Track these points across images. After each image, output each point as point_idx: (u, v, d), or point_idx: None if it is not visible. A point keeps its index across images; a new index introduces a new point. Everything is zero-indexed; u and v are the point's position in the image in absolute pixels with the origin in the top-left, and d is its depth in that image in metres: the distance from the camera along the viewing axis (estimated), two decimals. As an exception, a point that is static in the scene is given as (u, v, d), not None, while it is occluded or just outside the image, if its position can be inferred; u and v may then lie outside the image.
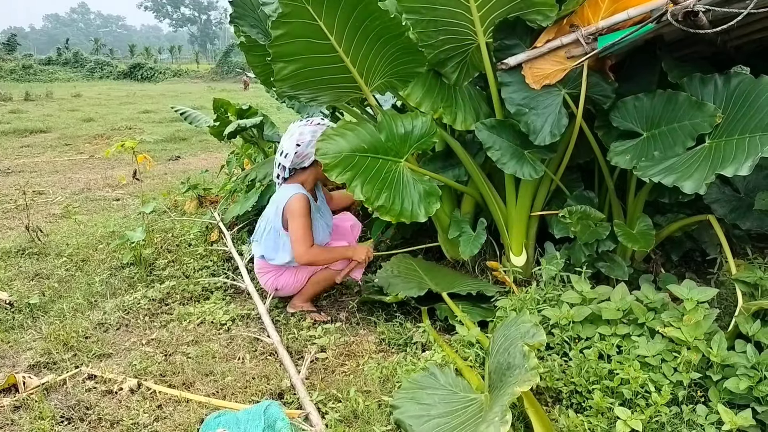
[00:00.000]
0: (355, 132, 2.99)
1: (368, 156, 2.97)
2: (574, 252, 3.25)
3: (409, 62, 3.15)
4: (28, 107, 16.97)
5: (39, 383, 2.65)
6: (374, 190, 2.91)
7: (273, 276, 3.40)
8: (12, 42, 40.81)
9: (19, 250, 4.51)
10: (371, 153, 2.98)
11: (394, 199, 2.98)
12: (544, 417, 2.09)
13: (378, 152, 3.01)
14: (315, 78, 3.08)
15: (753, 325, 2.29)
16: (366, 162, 2.95)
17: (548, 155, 3.25)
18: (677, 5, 2.38)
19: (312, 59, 2.94)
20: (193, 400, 2.51)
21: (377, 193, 2.92)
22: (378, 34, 2.91)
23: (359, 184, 2.88)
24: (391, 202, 2.96)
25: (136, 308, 3.47)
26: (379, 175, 2.97)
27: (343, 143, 2.91)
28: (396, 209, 2.96)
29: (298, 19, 2.71)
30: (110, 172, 8.14)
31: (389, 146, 3.06)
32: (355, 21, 2.82)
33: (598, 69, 3.10)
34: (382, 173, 2.99)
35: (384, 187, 2.96)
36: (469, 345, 2.73)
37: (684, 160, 2.67)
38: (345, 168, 2.87)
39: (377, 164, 2.99)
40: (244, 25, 3.98)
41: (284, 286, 3.42)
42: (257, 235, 3.41)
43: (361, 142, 2.96)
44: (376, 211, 2.92)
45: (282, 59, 2.90)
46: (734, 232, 3.51)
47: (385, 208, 2.93)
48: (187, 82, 34.77)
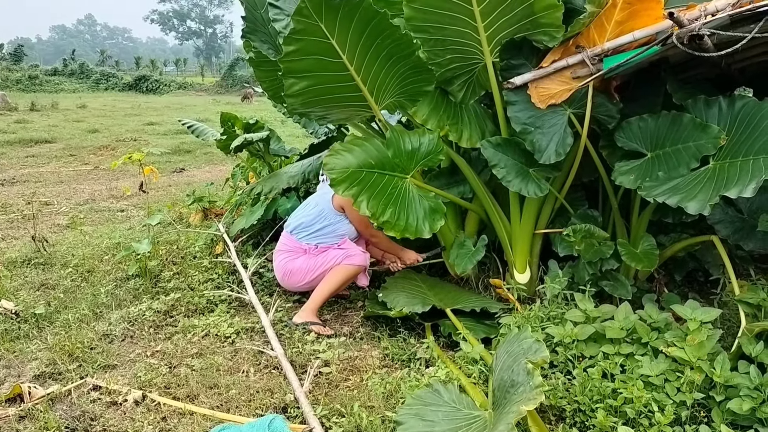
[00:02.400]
0: (362, 147, 3.02)
1: (375, 172, 3.00)
2: (578, 270, 3.26)
3: (419, 81, 3.18)
4: (34, 117, 17.05)
5: (44, 393, 2.66)
6: (380, 206, 2.93)
7: (289, 257, 3.58)
8: (19, 52, 41.03)
9: (25, 260, 4.53)
10: (378, 169, 3.01)
11: (399, 214, 3.00)
12: (548, 435, 2.09)
13: (385, 168, 3.04)
14: (326, 96, 3.13)
15: (756, 347, 2.29)
16: (373, 177, 2.98)
17: (553, 174, 3.27)
18: (682, 28, 2.41)
19: (323, 77, 2.98)
20: (197, 412, 2.52)
21: (383, 209, 2.94)
22: (389, 52, 2.95)
23: (365, 199, 2.90)
24: (396, 218, 2.98)
25: (141, 320, 3.49)
26: (385, 191, 2.99)
27: (351, 159, 2.94)
28: (401, 225, 2.98)
29: (311, 37, 2.75)
30: (115, 183, 8.18)
31: (396, 162, 3.09)
32: (367, 39, 2.86)
33: (604, 89, 3.13)
34: (388, 189, 3.02)
35: (390, 202, 2.98)
36: (473, 361, 2.74)
37: (688, 181, 2.69)
38: (352, 183, 2.90)
39: (384, 180, 3.02)
40: (255, 40, 4.03)
41: (294, 272, 3.55)
42: (296, 212, 3.73)
43: (369, 157, 2.99)
44: (381, 226, 2.94)
45: (293, 75, 2.94)
46: (737, 252, 3.52)
47: (390, 224, 2.96)
48: (192, 94, 34.93)
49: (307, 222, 3.62)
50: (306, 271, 3.54)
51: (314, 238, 3.59)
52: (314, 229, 3.59)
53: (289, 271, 3.59)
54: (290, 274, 3.59)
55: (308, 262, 3.55)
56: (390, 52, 2.94)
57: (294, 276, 3.58)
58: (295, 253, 3.61)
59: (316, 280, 3.54)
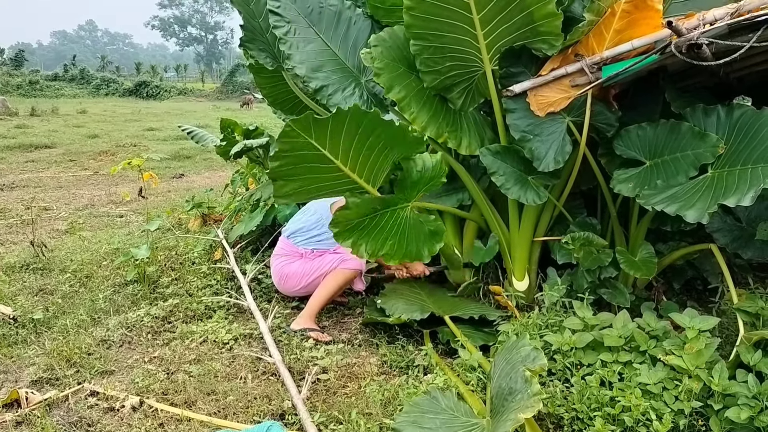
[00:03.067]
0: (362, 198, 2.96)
1: (378, 212, 2.97)
2: (577, 278, 3.26)
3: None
4: (34, 122, 17.07)
5: (41, 399, 2.66)
6: (378, 244, 2.93)
7: (285, 261, 3.61)
8: (19, 58, 41.10)
9: (23, 265, 4.53)
10: (381, 208, 2.99)
11: (399, 244, 2.98)
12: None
13: (389, 206, 3.02)
14: (317, 192, 3.09)
15: (754, 355, 2.29)
16: (374, 220, 2.95)
17: (552, 181, 3.28)
18: (681, 37, 2.42)
19: (315, 178, 2.93)
20: (194, 419, 2.52)
21: (381, 244, 2.92)
22: (384, 144, 2.90)
23: (363, 243, 2.89)
24: (396, 249, 2.96)
25: (139, 326, 3.48)
26: (385, 228, 2.98)
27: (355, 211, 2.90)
28: (401, 253, 2.97)
29: (300, 151, 2.70)
30: (114, 188, 8.18)
31: (400, 197, 3.07)
32: (359, 139, 2.80)
33: (602, 98, 3.14)
34: (388, 225, 2.99)
35: (389, 237, 2.96)
36: (471, 369, 2.73)
37: (687, 190, 2.70)
38: (351, 233, 2.88)
39: (386, 216, 3.00)
40: (254, 48, 4.05)
41: (290, 276, 3.57)
42: (294, 217, 3.76)
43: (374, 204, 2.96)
44: (381, 258, 2.94)
45: (281, 179, 2.87)
46: (736, 261, 3.53)
47: (390, 255, 2.94)
48: (192, 100, 34.98)
49: (305, 228, 3.65)
50: (302, 275, 3.56)
51: (311, 244, 3.62)
52: (311, 235, 3.62)
53: (286, 275, 3.62)
54: (286, 278, 3.62)
55: (304, 266, 3.57)
56: (384, 143, 2.89)
57: (290, 280, 3.60)
58: (292, 258, 3.64)
59: (312, 284, 3.55)
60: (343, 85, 3.59)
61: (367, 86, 3.65)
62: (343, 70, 3.66)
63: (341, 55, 3.73)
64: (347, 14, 3.82)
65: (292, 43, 3.60)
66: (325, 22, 3.76)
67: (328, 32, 3.74)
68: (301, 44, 3.62)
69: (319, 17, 3.75)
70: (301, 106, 4.45)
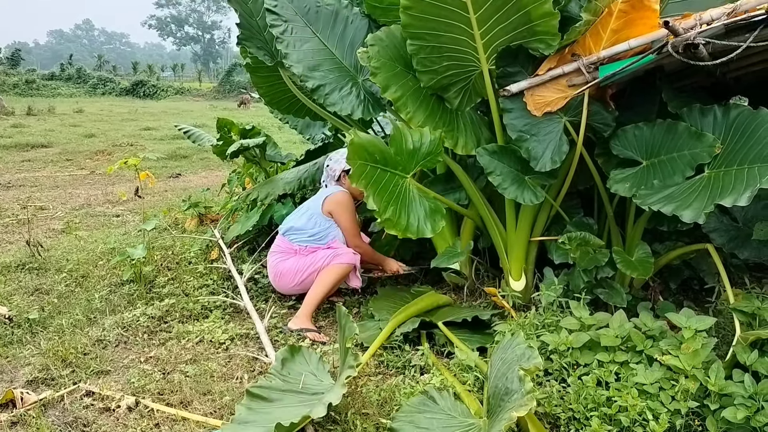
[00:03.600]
0: (369, 140, 3.07)
1: (378, 167, 3.02)
2: (573, 278, 3.26)
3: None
4: (30, 122, 17.04)
5: (37, 399, 2.65)
6: (383, 202, 2.96)
7: (280, 258, 3.66)
8: (16, 57, 41.03)
9: (19, 264, 4.52)
10: (381, 164, 3.04)
11: (401, 213, 3.02)
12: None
13: (387, 165, 3.07)
14: None
15: (751, 355, 2.29)
16: (377, 172, 3.01)
17: (548, 181, 3.27)
18: (678, 37, 2.42)
19: None
20: (190, 419, 2.51)
21: (385, 206, 2.96)
22: None
23: (371, 193, 2.93)
24: (398, 216, 2.99)
25: (135, 325, 3.47)
26: (387, 188, 3.03)
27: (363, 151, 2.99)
28: (402, 224, 3.00)
29: None
30: (110, 188, 8.17)
31: (398, 160, 3.11)
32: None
33: (599, 98, 3.14)
34: (390, 186, 3.05)
35: (392, 200, 3.01)
36: (468, 369, 2.73)
37: (683, 189, 2.70)
38: (361, 176, 2.94)
39: (386, 176, 3.06)
40: (251, 46, 4.04)
41: (284, 273, 3.61)
42: (290, 215, 3.82)
43: (374, 151, 3.04)
44: (383, 224, 2.95)
45: None
46: (732, 261, 3.53)
47: (392, 222, 2.96)
48: (189, 100, 34.94)
49: (298, 225, 3.70)
50: (295, 272, 3.59)
51: (305, 241, 3.65)
52: (305, 232, 3.67)
53: (280, 272, 3.65)
54: (281, 275, 3.65)
55: (298, 263, 3.61)
56: None
57: (284, 277, 3.63)
58: (287, 255, 3.67)
59: (306, 281, 3.58)
60: (340, 84, 3.58)
61: (364, 85, 3.64)
62: (340, 69, 3.65)
63: (338, 54, 3.72)
64: (344, 13, 3.81)
65: (288, 42, 3.59)
66: (322, 21, 3.75)
67: (325, 31, 3.74)
68: (298, 43, 3.61)
69: (316, 16, 3.74)
70: (299, 104, 4.44)
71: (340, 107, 3.51)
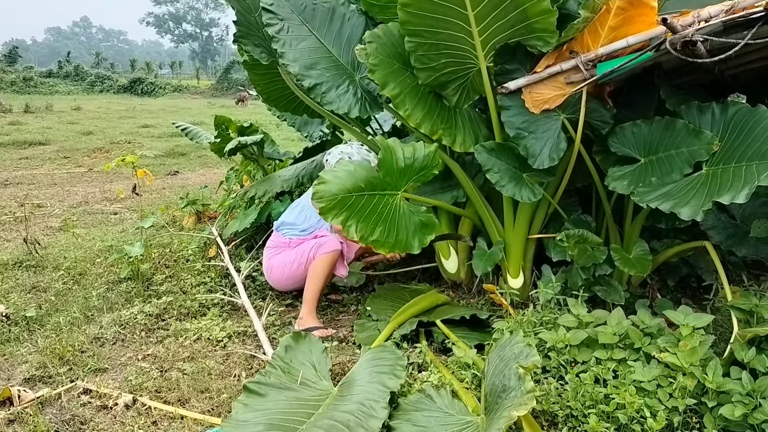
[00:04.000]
0: (350, 172, 2.93)
1: (365, 194, 2.92)
2: (571, 275, 3.26)
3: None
4: (28, 119, 17.00)
5: (34, 397, 2.64)
6: (368, 227, 2.87)
7: (273, 253, 3.68)
8: (13, 54, 40.92)
9: (16, 262, 4.51)
10: (368, 191, 2.94)
11: (389, 232, 2.93)
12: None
13: (375, 189, 2.97)
14: None
15: (748, 352, 2.30)
16: (362, 200, 2.90)
17: (546, 179, 3.27)
18: (676, 34, 2.42)
19: None
20: (188, 417, 2.51)
21: (372, 229, 2.87)
22: None
23: (353, 224, 2.82)
24: (386, 236, 2.91)
25: (133, 323, 3.47)
26: (375, 212, 2.93)
27: (339, 184, 2.85)
28: (390, 242, 2.92)
29: None
30: (108, 185, 8.15)
31: (387, 181, 3.02)
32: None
33: (597, 95, 3.14)
34: (378, 209, 2.95)
35: (379, 222, 2.92)
36: (466, 366, 2.73)
37: (681, 187, 2.70)
38: (341, 210, 2.81)
39: (373, 201, 2.95)
40: (248, 44, 4.02)
41: (275, 267, 3.64)
42: (286, 211, 3.80)
43: (358, 181, 2.91)
44: (371, 245, 2.90)
45: None
46: (730, 258, 3.53)
47: (380, 242, 2.89)
48: (187, 97, 34.90)
49: (290, 220, 3.73)
50: (283, 265, 3.61)
51: (295, 235, 3.69)
52: (297, 227, 3.70)
53: (271, 266, 3.69)
54: (272, 269, 3.69)
55: (285, 256, 3.63)
56: None
57: (275, 271, 3.66)
58: (279, 249, 3.70)
59: (295, 274, 3.58)
60: (337, 82, 3.57)
61: (361, 83, 3.64)
62: (337, 68, 3.64)
63: (335, 52, 3.71)
64: (341, 11, 3.80)
65: (285, 41, 3.58)
66: (319, 19, 3.74)
67: (321, 29, 3.73)
68: (295, 42, 3.60)
69: (312, 14, 3.73)
70: (297, 102, 4.43)
71: (337, 106, 3.50)
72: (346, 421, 2.16)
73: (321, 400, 2.38)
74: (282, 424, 2.17)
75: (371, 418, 2.18)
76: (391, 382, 2.41)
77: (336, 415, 2.22)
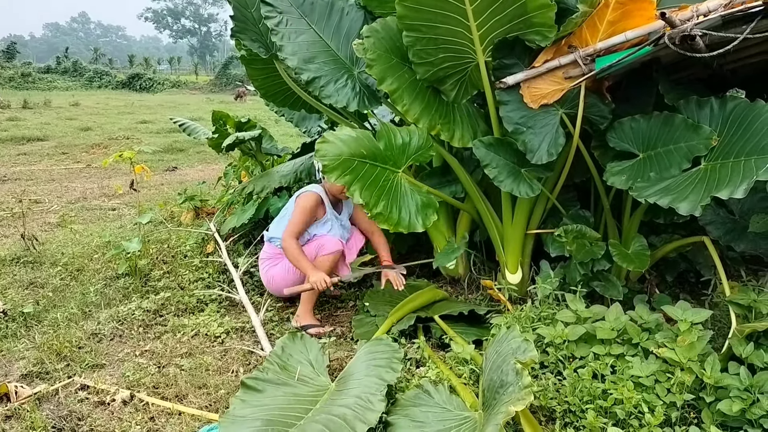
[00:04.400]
0: (354, 137, 3.01)
1: (367, 162, 2.99)
2: (570, 271, 3.26)
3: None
4: (26, 115, 16.97)
5: (31, 393, 2.64)
6: (373, 197, 2.92)
7: (270, 264, 3.62)
8: (11, 50, 40.85)
9: (14, 258, 4.50)
10: (370, 159, 3.00)
11: (392, 207, 2.99)
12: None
13: (377, 160, 3.03)
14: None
15: (746, 348, 2.29)
16: (365, 168, 2.97)
17: (545, 174, 3.27)
18: (674, 29, 2.41)
19: None
20: (185, 412, 2.51)
21: (376, 200, 2.93)
22: None
23: (358, 188, 2.89)
24: (389, 211, 2.97)
25: (131, 319, 3.46)
26: (378, 182, 2.99)
27: (343, 147, 2.93)
28: (394, 218, 2.97)
29: None
30: (106, 181, 8.14)
31: (387, 155, 3.08)
32: None
33: (596, 90, 3.13)
34: (381, 181, 3.01)
35: (382, 194, 2.97)
36: (464, 362, 2.72)
37: (680, 182, 2.69)
38: (344, 171, 2.89)
39: (376, 171, 3.02)
40: (245, 39, 4.01)
41: (275, 277, 3.57)
42: (273, 223, 3.72)
43: (361, 147, 2.98)
44: (374, 218, 2.93)
45: None
46: (728, 253, 3.53)
47: (383, 216, 2.94)
48: (186, 93, 34.85)
49: (278, 229, 3.61)
50: (285, 273, 3.53)
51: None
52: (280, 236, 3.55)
53: (272, 277, 3.61)
54: (272, 279, 3.60)
55: (285, 265, 3.55)
56: None
57: (276, 281, 3.57)
58: (275, 260, 3.62)
59: (297, 281, 3.50)
60: (335, 76, 3.56)
61: (359, 78, 3.63)
62: (335, 62, 3.63)
63: (333, 46, 3.70)
64: (339, 5, 3.79)
65: (283, 34, 3.56)
66: (318, 13, 3.73)
67: (320, 23, 3.71)
68: (293, 35, 3.59)
69: (311, 8, 3.72)
70: (294, 97, 4.42)
71: (336, 99, 3.49)
72: (344, 414, 2.16)
73: (319, 395, 2.37)
74: (280, 419, 2.17)
75: (368, 411, 2.18)
76: (388, 375, 2.40)
77: (333, 409, 2.21)
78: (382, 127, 3.12)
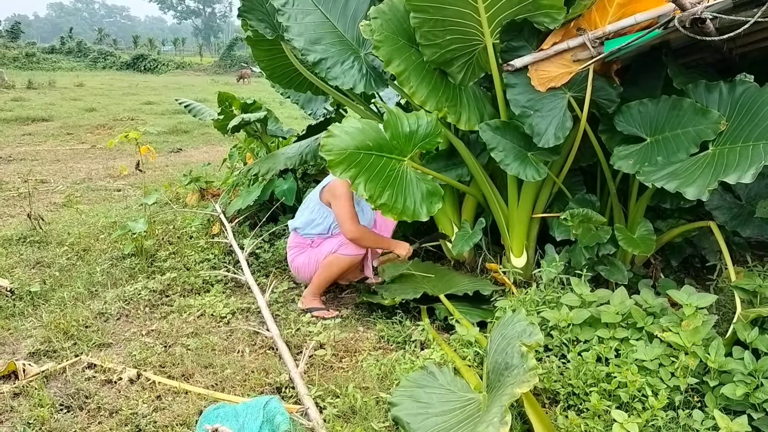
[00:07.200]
0: (360, 129, 2.98)
1: (372, 154, 2.95)
2: (575, 255, 3.26)
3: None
4: (31, 95, 16.96)
5: (39, 371, 2.66)
6: (377, 188, 2.90)
7: (296, 253, 3.59)
8: (16, 30, 40.75)
9: (20, 237, 4.52)
10: (376, 151, 2.97)
11: (397, 197, 2.97)
12: (545, 419, 2.10)
13: (383, 150, 3.00)
14: None
15: (751, 333, 2.30)
16: (370, 159, 2.93)
17: (551, 158, 3.26)
18: (685, 12, 2.39)
19: None
20: (192, 391, 2.52)
21: (380, 191, 2.91)
22: None
23: (363, 181, 2.87)
24: (394, 200, 2.95)
25: (137, 299, 3.48)
26: (383, 173, 2.96)
27: (348, 140, 2.90)
28: (398, 207, 2.96)
29: None
30: (111, 162, 8.15)
31: (394, 145, 3.05)
32: None
33: (604, 73, 3.10)
34: (386, 171, 2.98)
35: (387, 185, 2.95)
36: (468, 344, 2.74)
37: (687, 166, 2.68)
38: (349, 165, 2.85)
39: (381, 162, 2.98)
40: (252, 19, 3.99)
41: (301, 267, 3.54)
42: (299, 208, 3.65)
43: (366, 139, 2.94)
44: (379, 209, 2.92)
45: None
46: (734, 239, 3.52)
47: (388, 206, 2.93)
48: (190, 74, 34.73)
49: (305, 220, 3.57)
50: (308, 264, 3.52)
51: (313, 235, 3.54)
52: (311, 224, 3.54)
53: (297, 266, 3.58)
54: (299, 269, 3.58)
55: (310, 255, 3.53)
56: None
57: (302, 271, 3.55)
58: (301, 248, 3.58)
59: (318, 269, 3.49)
60: (342, 58, 3.54)
61: (366, 59, 3.60)
62: (342, 43, 3.61)
63: (340, 27, 3.68)
64: (346, -15, 3.75)
65: (290, 15, 3.54)
66: (325, -6, 3.70)
67: (327, 3, 3.69)
68: (300, 16, 3.57)
69: (318, -12, 3.69)
70: (300, 79, 4.40)
71: (342, 81, 3.47)
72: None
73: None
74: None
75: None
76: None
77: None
78: (390, 115, 3.07)
